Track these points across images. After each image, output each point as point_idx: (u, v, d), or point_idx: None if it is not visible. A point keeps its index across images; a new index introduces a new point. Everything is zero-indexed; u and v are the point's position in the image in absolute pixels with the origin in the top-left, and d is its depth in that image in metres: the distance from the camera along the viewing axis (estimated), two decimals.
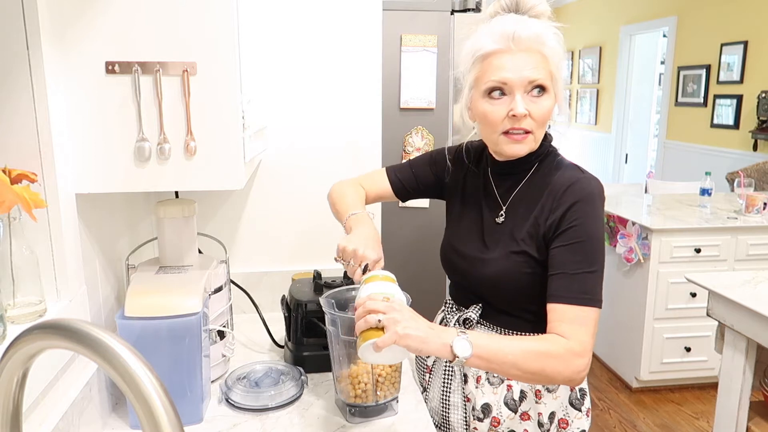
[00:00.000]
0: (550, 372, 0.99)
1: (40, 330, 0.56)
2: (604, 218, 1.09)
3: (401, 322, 0.92)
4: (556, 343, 1.00)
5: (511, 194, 1.17)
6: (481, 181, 1.23)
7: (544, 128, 1.12)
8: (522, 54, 1.06)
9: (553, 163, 1.15)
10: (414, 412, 1.21)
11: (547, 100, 1.08)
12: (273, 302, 1.62)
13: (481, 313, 1.19)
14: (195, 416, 1.15)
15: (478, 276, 1.17)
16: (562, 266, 1.05)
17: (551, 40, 1.08)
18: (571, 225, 1.06)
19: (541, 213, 1.10)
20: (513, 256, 1.12)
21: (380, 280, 1.02)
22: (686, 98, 5.18)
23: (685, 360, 3.06)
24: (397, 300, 0.97)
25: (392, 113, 2.22)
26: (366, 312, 0.93)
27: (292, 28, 1.63)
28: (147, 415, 0.50)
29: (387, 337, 0.91)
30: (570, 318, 1.02)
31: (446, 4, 2.20)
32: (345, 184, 1.35)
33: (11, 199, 0.80)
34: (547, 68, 1.07)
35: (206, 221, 1.68)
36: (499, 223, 1.17)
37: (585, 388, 1.19)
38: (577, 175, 1.11)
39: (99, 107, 1.03)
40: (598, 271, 1.05)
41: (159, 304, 1.10)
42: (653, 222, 2.97)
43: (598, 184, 1.10)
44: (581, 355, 0.99)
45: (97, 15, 1.00)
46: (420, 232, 2.31)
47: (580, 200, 1.06)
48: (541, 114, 1.08)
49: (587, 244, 1.05)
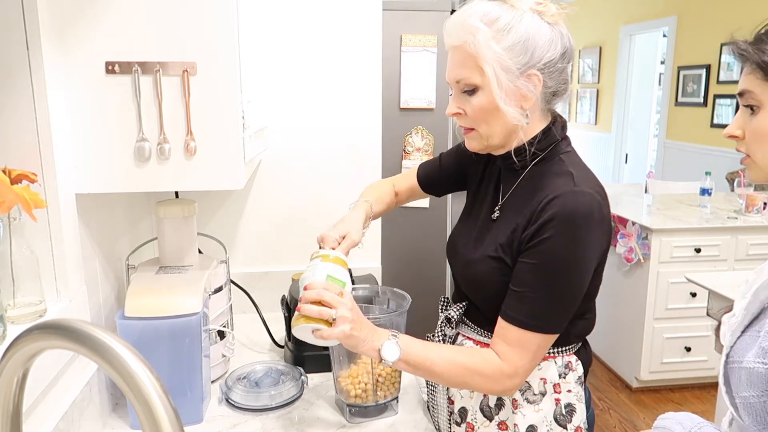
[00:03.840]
0: (476, 387, 1.03)
1: (40, 330, 0.56)
2: (590, 240, 0.96)
3: (351, 323, 0.95)
4: (489, 362, 0.99)
5: (509, 190, 1.09)
6: (495, 174, 1.15)
7: (492, 125, 1.01)
8: (452, 49, 1.01)
9: (556, 163, 1.04)
10: (414, 412, 1.21)
11: (478, 98, 0.99)
12: (273, 302, 1.62)
13: (465, 312, 1.15)
14: (195, 416, 1.15)
15: (463, 275, 1.14)
16: (520, 284, 0.98)
17: (482, 33, 0.95)
18: (539, 243, 0.96)
19: (522, 221, 1.00)
20: (490, 261, 1.05)
21: (331, 261, 1.03)
22: (686, 98, 5.18)
23: (685, 360, 3.06)
24: (347, 294, 0.99)
25: (392, 113, 2.22)
26: (318, 300, 0.96)
27: (292, 28, 1.63)
28: (147, 415, 0.50)
29: (334, 333, 0.95)
30: (511, 339, 0.98)
31: (446, 4, 2.20)
32: (376, 182, 1.37)
33: (11, 199, 0.80)
34: (476, 64, 0.97)
35: (206, 221, 1.68)
36: (494, 220, 1.10)
37: (573, 403, 1.07)
38: (565, 186, 0.97)
39: (99, 107, 1.03)
40: (560, 298, 0.97)
41: (159, 304, 1.10)
42: (653, 222, 2.97)
43: (589, 200, 0.96)
44: (511, 377, 0.98)
45: (97, 15, 1.00)
46: (420, 232, 2.31)
47: (556, 218, 0.94)
48: (474, 112, 1.01)
49: (550, 267, 0.96)
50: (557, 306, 0.98)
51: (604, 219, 0.98)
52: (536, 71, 0.97)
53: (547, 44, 0.97)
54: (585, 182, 0.99)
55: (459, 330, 1.15)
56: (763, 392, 0.72)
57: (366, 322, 0.99)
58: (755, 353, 0.74)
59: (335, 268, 1.02)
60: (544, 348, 1.00)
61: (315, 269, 1.02)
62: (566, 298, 0.98)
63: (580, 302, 1.01)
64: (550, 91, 1.02)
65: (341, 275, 1.02)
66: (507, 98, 0.98)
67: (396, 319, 1.17)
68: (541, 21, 0.97)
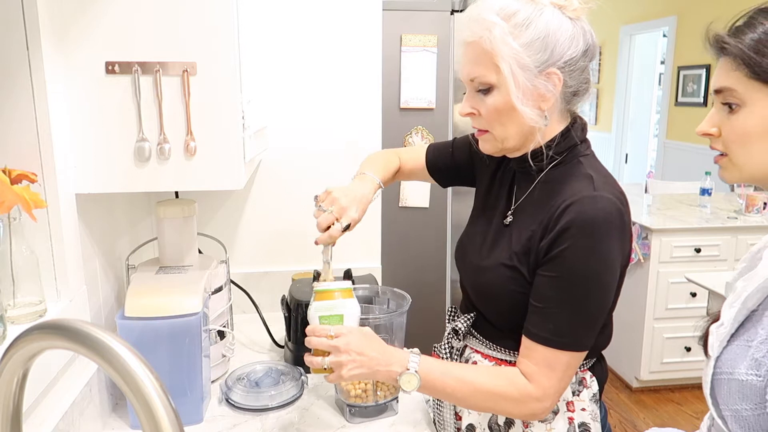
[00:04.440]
0: (502, 412, 0.97)
1: (40, 330, 0.56)
2: (611, 248, 0.89)
3: (346, 365, 0.92)
4: (515, 383, 0.93)
5: (523, 194, 1.02)
6: (509, 176, 1.08)
7: (508, 126, 0.95)
8: (466, 45, 0.95)
9: (574, 166, 0.97)
10: (414, 412, 1.21)
11: (494, 98, 0.93)
12: (273, 302, 1.62)
13: (473, 323, 1.09)
14: (195, 416, 1.15)
15: (472, 283, 1.08)
16: (541, 299, 0.92)
17: (498, 28, 0.89)
18: (557, 254, 0.90)
19: (538, 229, 0.94)
20: (503, 269, 0.98)
21: (325, 298, 1.00)
22: (686, 98, 5.18)
23: (686, 360, 3.06)
24: (344, 331, 0.95)
25: (392, 113, 2.22)
26: (311, 347, 0.96)
27: (292, 28, 1.63)
28: (147, 416, 0.50)
29: (334, 377, 0.94)
30: (537, 359, 0.92)
31: (446, 4, 2.20)
32: (382, 151, 1.30)
33: (11, 199, 0.80)
34: (491, 61, 0.91)
35: (206, 221, 1.68)
36: (506, 225, 1.03)
37: (587, 422, 1.01)
38: (585, 191, 0.91)
39: (99, 107, 1.03)
40: (585, 312, 0.91)
41: (159, 305, 1.10)
42: (653, 222, 2.97)
43: (609, 206, 0.89)
44: (540, 400, 0.92)
45: (97, 15, 1.00)
46: (420, 232, 2.31)
47: (573, 226, 0.88)
48: (488, 113, 0.94)
49: (572, 281, 0.90)
50: (583, 320, 0.91)
51: (625, 226, 0.92)
52: (556, 70, 0.91)
53: (568, 41, 0.91)
54: (605, 187, 0.92)
55: (467, 342, 1.10)
56: (757, 405, 0.68)
57: (375, 350, 0.94)
58: (748, 365, 0.70)
59: (326, 305, 0.99)
60: (573, 366, 0.93)
61: (310, 311, 1.01)
62: (592, 311, 0.92)
63: (606, 314, 0.95)
64: (570, 91, 0.95)
65: (336, 309, 0.99)
66: (524, 98, 0.92)
67: (396, 319, 1.17)
68: (562, 16, 0.91)
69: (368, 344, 0.95)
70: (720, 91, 0.75)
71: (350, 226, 1.06)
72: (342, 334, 0.95)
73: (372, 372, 0.93)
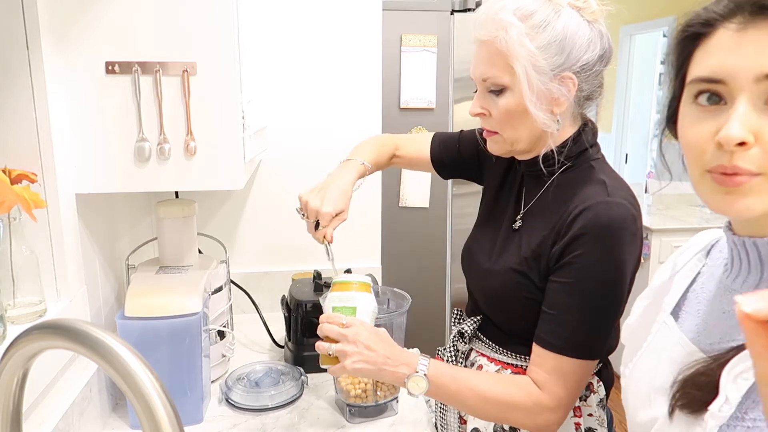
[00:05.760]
0: (514, 422, 0.94)
1: (40, 330, 0.56)
2: (625, 255, 0.89)
3: (351, 356, 0.90)
4: (527, 392, 0.90)
5: (532, 198, 1.00)
6: (519, 177, 1.06)
7: (519, 129, 0.94)
8: (480, 44, 0.93)
9: (586, 170, 0.95)
10: (414, 412, 1.21)
11: (506, 99, 0.91)
12: (273, 302, 1.62)
13: (480, 326, 1.07)
14: (195, 416, 1.15)
15: (480, 287, 1.07)
16: (554, 306, 0.91)
17: (515, 28, 0.87)
18: (570, 261, 0.89)
19: (550, 235, 0.92)
20: (513, 275, 0.97)
21: (341, 289, 1.00)
22: None
23: None
24: (356, 323, 0.94)
25: (392, 113, 2.22)
26: (322, 334, 0.94)
27: (292, 28, 1.63)
28: (147, 415, 0.50)
29: (337, 369, 0.93)
30: (549, 367, 0.90)
31: (446, 4, 2.20)
32: (378, 135, 1.27)
33: (11, 199, 0.80)
34: (505, 62, 0.89)
35: (206, 221, 1.68)
36: (515, 230, 1.01)
37: (594, 428, 1.00)
38: (599, 196, 0.89)
39: (99, 107, 1.03)
40: (599, 319, 0.89)
41: (159, 305, 1.10)
42: (653, 222, 2.97)
43: (623, 212, 0.88)
44: (553, 410, 0.90)
45: (97, 15, 1.00)
46: (420, 232, 2.30)
47: (587, 233, 0.87)
48: (500, 114, 0.93)
49: (585, 288, 0.88)
50: (596, 327, 0.90)
51: (638, 232, 0.90)
52: (571, 74, 0.89)
53: (585, 45, 0.89)
54: (619, 192, 0.90)
55: (472, 345, 1.09)
56: None
57: (384, 348, 0.92)
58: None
59: (342, 296, 0.99)
60: (586, 375, 0.92)
61: (324, 301, 1.02)
62: (604, 318, 0.90)
63: (616, 320, 0.93)
64: (584, 95, 0.94)
65: (350, 301, 0.98)
66: (537, 101, 0.89)
67: (396, 319, 1.17)
68: (580, 18, 0.89)
69: (378, 341, 0.93)
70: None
71: (319, 222, 1.04)
72: (353, 325, 0.94)
73: (377, 370, 0.91)
